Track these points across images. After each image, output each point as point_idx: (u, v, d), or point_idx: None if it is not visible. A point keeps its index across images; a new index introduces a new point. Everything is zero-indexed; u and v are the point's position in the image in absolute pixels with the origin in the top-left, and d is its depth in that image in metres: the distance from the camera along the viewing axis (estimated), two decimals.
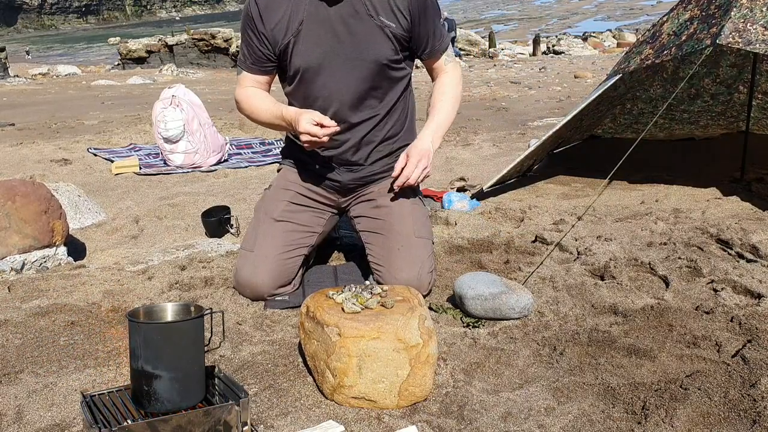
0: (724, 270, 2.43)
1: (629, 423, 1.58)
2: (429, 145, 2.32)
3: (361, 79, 2.29)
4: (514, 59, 21.63)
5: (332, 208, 2.54)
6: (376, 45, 2.26)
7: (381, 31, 2.25)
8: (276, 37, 2.29)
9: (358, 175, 2.46)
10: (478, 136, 6.33)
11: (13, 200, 2.76)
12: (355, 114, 2.34)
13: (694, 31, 3.32)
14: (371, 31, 2.25)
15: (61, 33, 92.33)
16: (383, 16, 2.24)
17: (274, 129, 2.61)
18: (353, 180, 2.46)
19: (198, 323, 1.58)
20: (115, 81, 16.47)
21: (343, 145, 2.38)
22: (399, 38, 2.28)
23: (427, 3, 2.29)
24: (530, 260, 2.69)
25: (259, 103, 2.40)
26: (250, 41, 2.34)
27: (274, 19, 2.27)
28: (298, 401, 1.72)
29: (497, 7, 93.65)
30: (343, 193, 2.51)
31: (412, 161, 2.29)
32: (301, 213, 2.46)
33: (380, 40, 2.26)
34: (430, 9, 2.31)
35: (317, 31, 2.25)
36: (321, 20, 2.24)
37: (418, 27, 2.30)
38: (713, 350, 1.88)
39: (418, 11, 2.27)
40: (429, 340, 1.70)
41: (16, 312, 2.28)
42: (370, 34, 2.25)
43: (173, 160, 5.07)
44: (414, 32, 2.31)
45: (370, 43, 2.25)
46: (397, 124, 2.45)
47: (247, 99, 2.42)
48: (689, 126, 5.02)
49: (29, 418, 1.66)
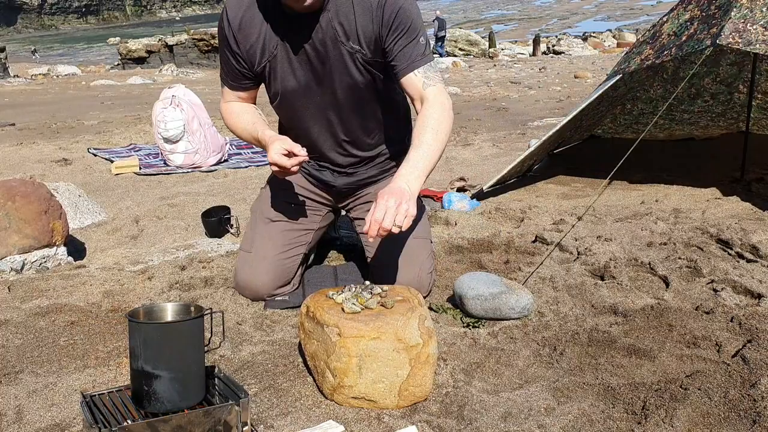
0: (724, 270, 2.43)
1: (629, 423, 1.58)
2: (403, 186, 1.95)
3: (343, 100, 2.24)
4: (514, 59, 21.64)
5: (329, 206, 2.54)
6: (348, 72, 2.17)
7: (351, 57, 2.15)
8: (252, 59, 2.21)
9: (352, 180, 2.45)
10: (478, 136, 6.33)
11: (13, 200, 2.76)
12: (342, 129, 2.31)
13: (695, 31, 3.32)
14: (342, 58, 2.15)
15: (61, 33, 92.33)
16: (353, 41, 2.13)
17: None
18: (348, 184, 2.46)
19: (198, 323, 1.58)
20: (115, 81, 16.47)
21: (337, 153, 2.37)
22: (370, 63, 2.16)
23: (396, 20, 2.09)
24: (530, 260, 2.69)
25: (237, 120, 2.34)
26: (227, 59, 2.27)
27: (249, 40, 2.19)
28: (298, 401, 1.72)
29: (497, 7, 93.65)
30: (339, 199, 2.52)
31: (380, 204, 1.88)
32: (297, 212, 2.46)
33: (352, 66, 2.16)
34: (401, 26, 2.10)
35: (292, 57, 2.18)
36: (295, 46, 2.16)
37: (389, 43, 2.12)
38: (713, 350, 1.88)
39: (387, 30, 2.10)
40: (429, 340, 1.70)
41: (16, 312, 2.28)
42: (341, 61, 2.16)
43: (173, 160, 5.07)
44: (388, 49, 2.13)
45: (342, 70, 2.16)
46: (390, 128, 2.41)
47: (229, 115, 2.37)
48: (689, 127, 5.02)
49: (29, 418, 1.66)
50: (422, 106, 2.12)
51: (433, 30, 27.11)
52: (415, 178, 2.00)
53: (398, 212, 1.87)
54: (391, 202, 1.88)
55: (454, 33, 27.90)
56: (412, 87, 2.14)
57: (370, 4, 2.10)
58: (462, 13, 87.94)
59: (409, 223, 1.89)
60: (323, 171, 2.44)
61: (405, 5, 2.10)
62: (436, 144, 2.06)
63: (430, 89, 2.13)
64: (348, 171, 2.43)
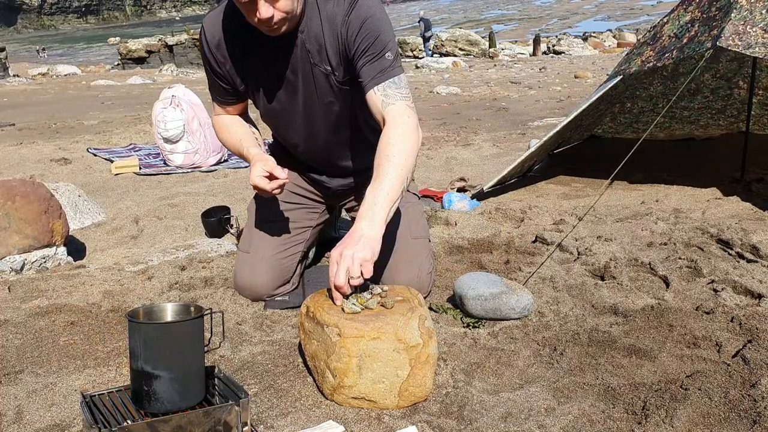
0: (724, 270, 2.43)
1: (629, 423, 1.57)
2: (362, 229, 1.80)
3: (324, 120, 2.23)
4: (514, 59, 21.64)
5: (324, 203, 2.55)
6: (324, 93, 2.15)
7: (326, 78, 2.12)
8: (232, 78, 2.20)
9: (346, 182, 2.47)
10: (478, 136, 6.33)
11: (13, 200, 2.76)
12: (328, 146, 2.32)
13: (695, 33, 3.32)
14: (318, 80, 2.12)
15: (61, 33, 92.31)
16: (324, 63, 2.09)
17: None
18: (342, 186, 2.47)
19: (198, 323, 1.58)
20: (115, 81, 16.48)
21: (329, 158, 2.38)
22: (344, 83, 2.11)
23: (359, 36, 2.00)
24: (530, 260, 2.69)
25: (226, 135, 2.34)
26: (210, 76, 2.25)
27: (227, 59, 2.16)
28: (298, 401, 1.72)
29: (497, 7, 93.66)
30: (335, 199, 2.53)
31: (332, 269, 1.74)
32: (293, 211, 2.46)
33: (327, 88, 2.14)
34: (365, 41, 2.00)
35: (271, 78, 2.16)
36: (272, 68, 2.13)
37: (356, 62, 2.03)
38: (713, 350, 1.88)
39: (353, 48, 2.02)
40: (429, 340, 1.70)
41: (16, 312, 2.28)
42: (318, 82, 2.13)
43: (173, 160, 5.07)
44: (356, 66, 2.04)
45: (320, 92, 2.15)
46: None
47: (219, 129, 2.37)
48: (689, 125, 5.02)
49: (29, 418, 1.66)
50: (383, 129, 1.98)
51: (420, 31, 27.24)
52: (376, 217, 1.83)
53: (352, 269, 1.71)
54: (344, 262, 1.72)
55: (454, 33, 27.90)
56: (373, 106, 2.01)
57: (336, 23, 2.03)
58: (462, 13, 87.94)
59: (368, 269, 1.74)
60: (315, 176, 2.46)
61: (370, 18, 2.00)
62: (399, 172, 1.89)
63: (389, 108, 1.98)
64: (342, 176, 2.44)
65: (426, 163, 4.94)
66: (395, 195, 1.88)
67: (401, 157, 1.91)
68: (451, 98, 10.44)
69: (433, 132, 6.73)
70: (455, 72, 17.14)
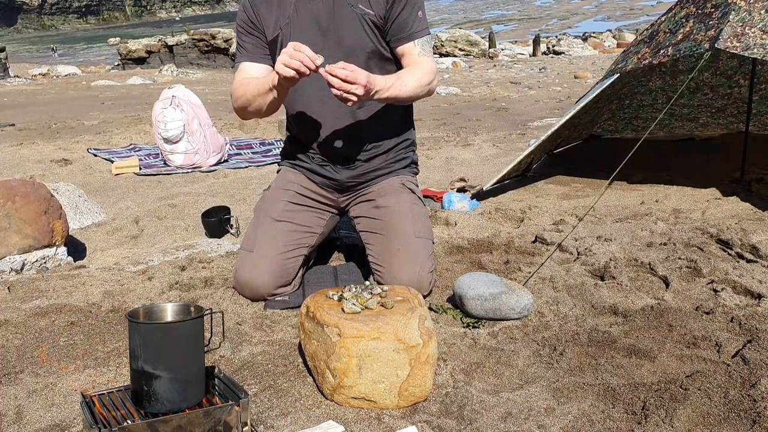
0: (724, 270, 2.43)
1: (629, 423, 1.58)
2: (371, 78, 2.09)
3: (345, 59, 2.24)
4: (514, 59, 21.63)
5: (332, 208, 2.55)
6: (356, 35, 2.29)
7: (361, 19, 2.28)
8: (267, 29, 2.35)
9: (355, 173, 2.46)
10: (478, 136, 6.33)
11: (13, 200, 2.76)
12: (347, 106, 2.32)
13: (690, 30, 3.31)
14: (352, 22, 2.28)
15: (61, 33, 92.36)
16: (362, 4, 2.27)
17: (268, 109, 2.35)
18: (351, 178, 2.47)
19: (198, 323, 1.58)
20: (115, 81, 16.47)
21: (339, 139, 2.39)
22: (378, 26, 2.30)
23: None
24: (530, 260, 2.69)
25: (246, 88, 2.34)
26: (245, 32, 2.39)
27: (266, 11, 2.34)
28: (298, 401, 1.72)
29: (497, 7, 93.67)
30: (342, 191, 2.51)
31: (339, 63, 2.05)
32: (300, 213, 2.46)
33: (360, 29, 2.29)
34: None
35: (303, 25, 2.30)
36: (307, 13, 2.30)
37: (394, 10, 2.29)
38: (713, 350, 1.88)
39: None
40: (429, 340, 1.70)
41: (16, 312, 2.28)
42: (350, 24, 2.28)
43: (173, 160, 5.07)
44: (390, 16, 2.29)
45: (351, 33, 2.29)
46: (395, 117, 2.45)
47: (240, 85, 2.38)
48: (689, 123, 5.01)
49: (29, 418, 1.66)
50: (412, 66, 2.31)
51: None
52: (384, 87, 2.14)
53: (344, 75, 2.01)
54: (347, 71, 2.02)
55: (454, 33, 27.87)
56: (408, 55, 2.33)
57: None
58: (462, 13, 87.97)
59: (351, 69, 2.03)
60: (326, 167, 2.46)
61: None
62: (412, 83, 2.26)
63: (423, 58, 2.33)
64: (351, 166, 2.44)
65: (426, 163, 4.94)
66: (400, 90, 2.21)
67: (418, 81, 2.28)
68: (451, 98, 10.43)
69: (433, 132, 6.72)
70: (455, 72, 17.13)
